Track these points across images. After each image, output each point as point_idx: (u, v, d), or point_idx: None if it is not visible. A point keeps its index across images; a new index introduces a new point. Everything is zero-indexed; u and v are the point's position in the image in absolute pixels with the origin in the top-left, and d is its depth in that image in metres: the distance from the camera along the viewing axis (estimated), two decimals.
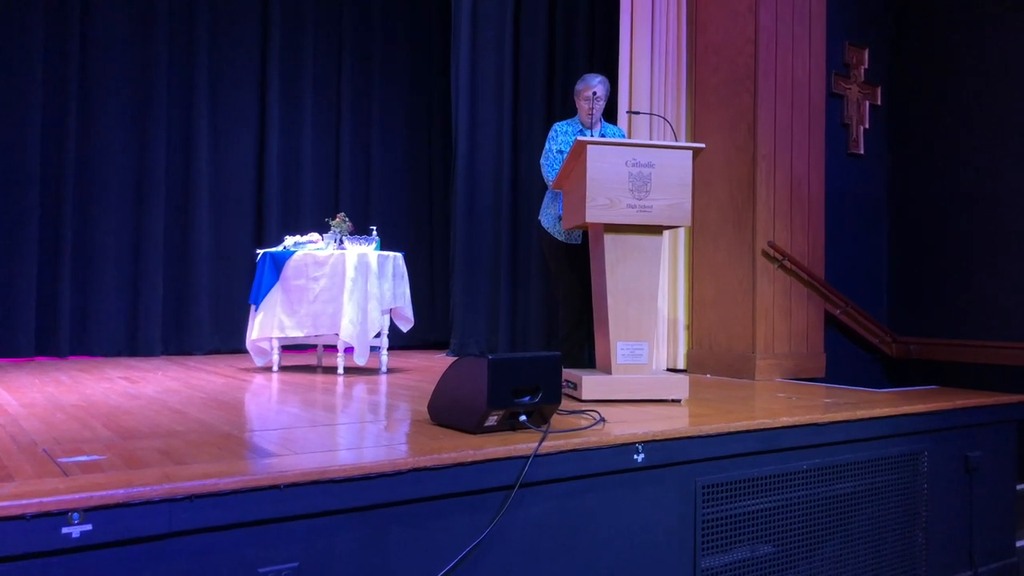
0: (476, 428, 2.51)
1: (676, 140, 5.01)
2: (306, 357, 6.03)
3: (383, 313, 4.81)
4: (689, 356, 5.23)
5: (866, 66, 5.59)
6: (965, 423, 3.65)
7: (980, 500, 3.71)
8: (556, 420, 2.73)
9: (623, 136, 4.54)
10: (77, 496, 1.71)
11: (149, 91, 6.26)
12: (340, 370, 4.77)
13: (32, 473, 1.94)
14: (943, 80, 5.47)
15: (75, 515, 1.70)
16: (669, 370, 5.18)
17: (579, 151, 3.49)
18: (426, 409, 2.86)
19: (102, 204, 6.10)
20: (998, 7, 5.16)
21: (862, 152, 5.57)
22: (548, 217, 4.36)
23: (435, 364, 5.69)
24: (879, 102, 5.67)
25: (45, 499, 1.68)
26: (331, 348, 5.06)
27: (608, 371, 3.53)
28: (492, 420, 2.51)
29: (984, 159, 5.21)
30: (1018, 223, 5.02)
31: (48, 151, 5.87)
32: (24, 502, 1.65)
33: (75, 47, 5.97)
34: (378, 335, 4.85)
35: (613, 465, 2.53)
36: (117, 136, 6.17)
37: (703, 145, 3.68)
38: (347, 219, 5.07)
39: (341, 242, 4.93)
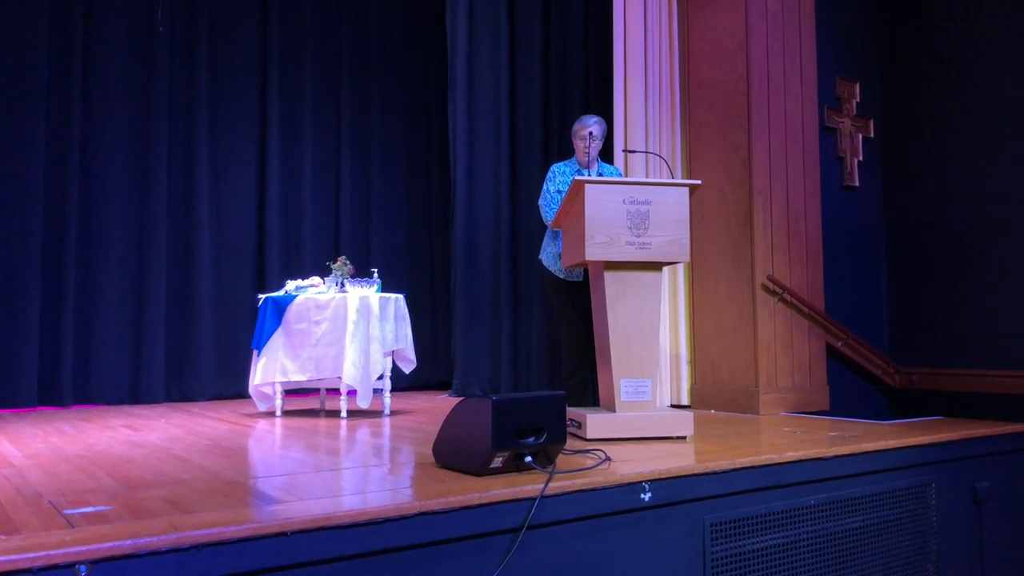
0: (481, 470, 2.50)
1: (672, 177, 5.06)
2: (309, 401, 6.02)
3: (385, 355, 4.82)
4: (692, 391, 5.22)
5: (858, 99, 5.67)
6: (972, 454, 3.63)
7: (990, 532, 3.68)
8: (562, 460, 2.73)
9: (620, 175, 4.59)
10: (84, 548, 1.71)
11: (149, 139, 6.33)
12: (343, 413, 4.76)
13: (38, 525, 1.94)
14: (935, 110, 5.54)
15: (82, 567, 1.69)
16: (673, 406, 5.17)
17: (577, 190, 3.53)
18: (430, 451, 2.86)
19: (104, 252, 6.14)
20: (987, 37, 5.25)
21: (857, 184, 5.62)
22: (549, 255, 4.39)
23: (438, 405, 5.67)
24: (872, 134, 5.73)
25: (52, 551, 1.67)
26: (334, 391, 5.06)
27: (612, 409, 3.53)
28: (497, 462, 2.50)
29: (978, 187, 5.26)
30: (1016, 250, 5.05)
31: (50, 200, 5.92)
32: (31, 555, 1.65)
33: (76, 93, 6.06)
34: (381, 377, 4.85)
35: (620, 505, 2.51)
36: (118, 184, 6.23)
37: (699, 182, 3.72)
38: (348, 262, 5.10)
39: (342, 285, 4.95)
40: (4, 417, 5.09)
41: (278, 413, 4.91)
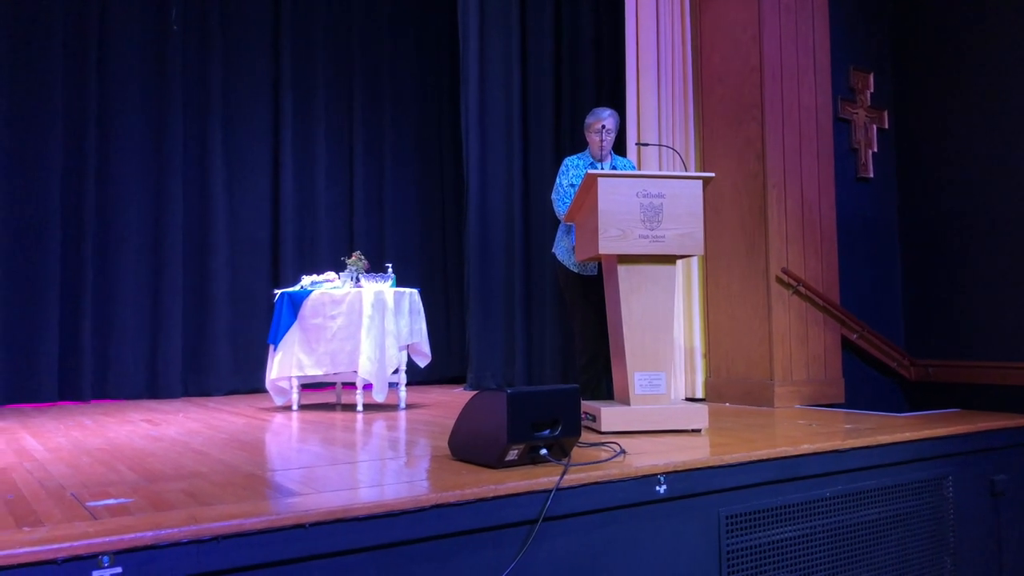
0: (497, 463, 2.52)
1: (685, 170, 5.05)
2: (325, 395, 6.06)
3: (400, 349, 4.84)
4: (707, 384, 5.22)
5: (871, 90, 5.63)
6: (989, 446, 3.61)
7: (1008, 524, 3.66)
8: (576, 453, 2.74)
9: (633, 168, 4.59)
10: (107, 539, 1.74)
11: (164, 137, 6.38)
12: (359, 407, 4.79)
13: (62, 517, 1.97)
14: (949, 100, 5.49)
15: (105, 558, 1.72)
16: (687, 399, 5.17)
17: (590, 184, 3.53)
18: (446, 444, 2.88)
19: (121, 249, 6.20)
20: (1001, 25, 5.20)
21: (871, 176, 5.59)
22: (562, 249, 4.39)
23: (453, 399, 5.70)
24: (886, 125, 5.70)
25: (75, 543, 1.70)
26: (350, 386, 5.09)
27: (627, 402, 3.53)
28: (512, 454, 2.52)
29: (993, 177, 5.21)
30: None
31: (68, 197, 5.99)
32: (55, 546, 1.68)
33: (92, 91, 6.10)
34: (396, 371, 4.87)
35: (635, 497, 2.52)
36: (134, 181, 6.28)
37: (713, 174, 3.71)
38: (363, 257, 5.12)
39: (357, 280, 4.98)
40: (25, 412, 5.16)
41: (294, 407, 4.94)
